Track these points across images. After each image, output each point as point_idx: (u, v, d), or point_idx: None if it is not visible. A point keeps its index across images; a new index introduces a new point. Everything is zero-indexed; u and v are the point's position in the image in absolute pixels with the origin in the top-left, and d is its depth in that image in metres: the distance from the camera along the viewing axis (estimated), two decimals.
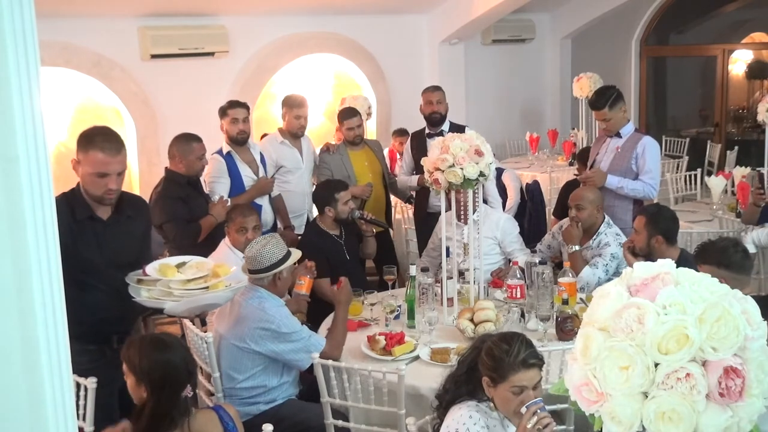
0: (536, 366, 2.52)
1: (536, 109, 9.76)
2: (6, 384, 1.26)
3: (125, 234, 3.24)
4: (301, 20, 7.29)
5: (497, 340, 2.58)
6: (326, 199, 4.71)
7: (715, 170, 8.09)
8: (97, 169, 3.03)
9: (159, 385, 2.54)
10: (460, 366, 2.69)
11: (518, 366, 2.47)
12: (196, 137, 4.70)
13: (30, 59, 1.24)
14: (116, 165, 3.07)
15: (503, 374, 2.48)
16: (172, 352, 2.61)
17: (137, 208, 3.38)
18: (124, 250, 3.19)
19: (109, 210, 3.20)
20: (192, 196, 4.67)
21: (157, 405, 2.53)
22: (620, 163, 4.80)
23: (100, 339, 3.23)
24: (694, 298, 1.29)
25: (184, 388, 2.57)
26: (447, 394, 2.66)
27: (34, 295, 1.26)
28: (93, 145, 3.04)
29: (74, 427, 1.36)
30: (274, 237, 3.63)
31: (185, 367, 2.60)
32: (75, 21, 6.00)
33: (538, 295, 3.84)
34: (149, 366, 2.56)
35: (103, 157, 3.03)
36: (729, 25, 10.41)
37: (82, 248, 3.08)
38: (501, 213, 5.05)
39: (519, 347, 2.50)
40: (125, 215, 3.25)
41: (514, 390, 2.47)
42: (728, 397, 1.25)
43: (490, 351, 2.54)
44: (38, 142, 1.26)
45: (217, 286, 3.11)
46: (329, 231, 4.71)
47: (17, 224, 1.24)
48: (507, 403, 2.49)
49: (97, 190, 3.08)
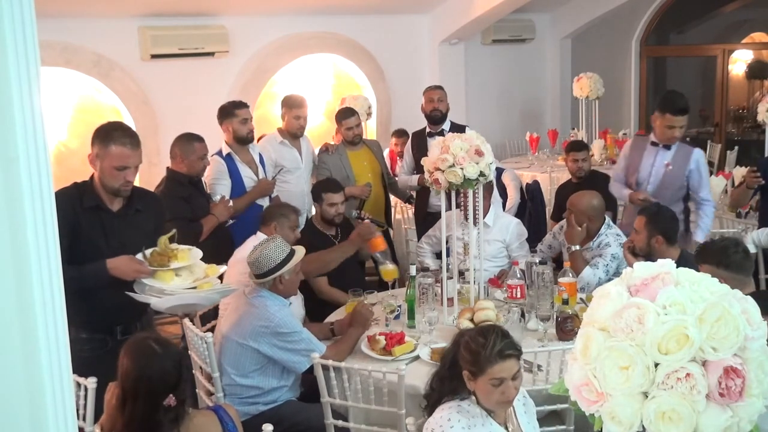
0: (513, 357, 2.54)
1: (536, 109, 9.76)
2: (6, 384, 1.27)
3: (133, 227, 3.32)
4: (301, 20, 7.29)
5: (474, 334, 2.61)
6: (315, 197, 4.76)
7: (715, 170, 8.08)
8: (118, 162, 3.18)
9: (132, 392, 2.53)
10: (443, 363, 2.72)
11: (495, 358, 2.49)
12: (198, 137, 4.70)
13: (30, 59, 1.24)
14: (135, 158, 3.25)
15: (482, 367, 2.50)
16: (153, 361, 2.55)
17: (148, 203, 3.47)
18: (131, 242, 3.25)
19: (121, 203, 3.32)
20: (194, 195, 4.67)
21: (133, 410, 2.52)
22: (672, 182, 4.58)
23: (104, 328, 3.31)
24: (694, 298, 1.29)
25: (163, 397, 2.52)
26: (434, 392, 2.68)
27: (34, 295, 1.26)
28: (113, 140, 3.18)
29: (74, 427, 1.36)
30: (273, 240, 3.62)
31: (161, 378, 2.53)
32: (75, 21, 6.00)
33: (539, 295, 3.84)
34: (127, 371, 2.55)
35: (125, 150, 3.19)
36: (729, 25, 10.41)
37: (86, 235, 3.17)
38: (512, 217, 5.04)
39: (495, 339, 2.53)
40: (134, 209, 3.36)
41: (494, 382, 2.49)
42: (728, 397, 1.24)
43: (467, 345, 2.57)
44: (38, 142, 1.26)
45: (203, 287, 3.18)
46: (324, 231, 4.70)
47: (17, 224, 1.24)
48: (488, 395, 2.52)
49: (115, 182, 3.22)
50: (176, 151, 4.67)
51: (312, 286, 4.50)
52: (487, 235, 4.55)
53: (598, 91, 8.28)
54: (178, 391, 2.57)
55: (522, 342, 3.50)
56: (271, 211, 4.41)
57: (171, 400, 2.53)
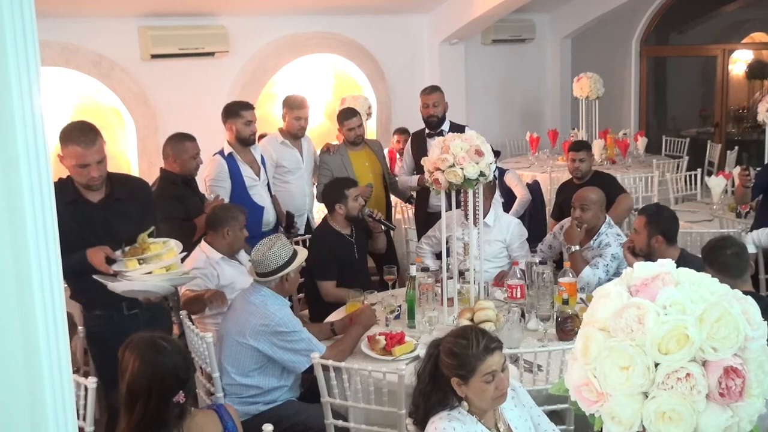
0: (498, 349, 2.55)
1: (536, 109, 9.76)
2: (6, 384, 1.26)
3: (117, 215, 3.46)
4: (301, 20, 7.29)
5: (453, 339, 2.59)
6: (336, 196, 4.66)
7: (715, 170, 8.09)
8: (77, 161, 3.31)
9: (145, 391, 2.50)
10: (422, 378, 2.66)
11: (482, 354, 2.50)
12: (190, 136, 4.69)
13: (30, 59, 1.24)
14: (94, 155, 3.33)
15: (471, 368, 2.50)
16: (164, 357, 2.55)
17: (130, 191, 3.58)
18: (118, 230, 3.39)
19: (101, 193, 3.46)
20: (187, 195, 4.66)
21: (144, 408, 2.49)
22: None
23: (109, 305, 3.48)
24: (694, 298, 1.29)
25: (174, 394, 2.51)
26: (419, 409, 2.64)
27: (34, 295, 1.26)
28: (70, 140, 3.32)
29: (74, 427, 1.36)
30: (279, 238, 3.61)
31: (174, 374, 2.53)
32: (75, 21, 6.00)
33: (539, 295, 3.84)
34: (138, 369, 2.52)
35: (81, 150, 3.30)
36: (729, 25, 10.40)
37: (72, 228, 3.28)
38: (512, 218, 5.04)
39: (476, 337, 2.54)
40: (115, 198, 3.48)
41: (487, 378, 2.49)
42: (728, 397, 1.24)
43: (450, 351, 2.55)
44: (38, 142, 1.26)
45: (159, 272, 3.33)
46: (341, 230, 4.70)
47: (17, 224, 1.24)
48: (483, 394, 2.51)
49: (81, 179, 3.36)
50: (168, 150, 4.66)
51: (320, 289, 4.50)
52: (488, 236, 4.54)
53: (598, 91, 8.28)
54: (187, 387, 2.57)
55: (522, 342, 3.53)
56: (219, 216, 4.24)
57: (180, 396, 2.52)
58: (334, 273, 4.51)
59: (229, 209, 4.34)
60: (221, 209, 4.35)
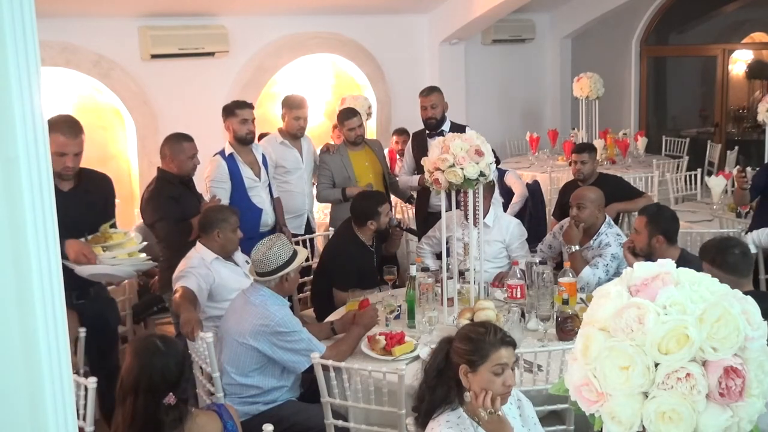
0: (512, 345, 2.57)
1: (536, 109, 9.76)
2: (6, 384, 1.26)
3: (84, 204, 3.75)
4: (301, 20, 7.29)
5: (471, 326, 2.67)
6: (370, 212, 4.62)
7: (715, 170, 8.08)
8: (58, 149, 3.56)
9: (133, 387, 2.56)
10: (429, 372, 2.67)
11: (498, 343, 2.53)
12: (187, 137, 4.68)
13: (30, 59, 1.24)
14: (74, 147, 3.65)
15: (485, 353, 2.51)
16: (156, 358, 2.58)
17: (96, 184, 3.95)
18: (82, 219, 3.68)
19: (71, 184, 3.77)
20: (184, 195, 4.64)
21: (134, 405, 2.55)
22: None
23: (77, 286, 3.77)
24: (694, 298, 1.29)
25: (163, 395, 2.54)
26: (423, 403, 2.65)
27: (34, 294, 1.26)
28: (56, 129, 3.54)
29: (74, 427, 1.36)
30: (279, 238, 3.61)
31: (162, 376, 2.56)
32: (75, 21, 6.00)
33: (539, 295, 3.84)
34: (129, 365, 2.60)
35: (64, 139, 3.60)
36: (729, 25, 10.40)
37: None
38: (511, 218, 5.04)
39: (493, 329, 2.60)
40: (83, 189, 3.81)
41: (496, 369, 2.50)
42: (728, 397, 1.24)
43: (465, 336, 2.59)
44: (38, 142, 1.27)
45: (122, 257, 3.67)
46: (366, 241, 4.70)
47: (17, 224, 1.24)
48: (489, 386, 2.50)
49: (56, 167, 3.54)
50: (166, 151, 4.65)
51: (335, 296, 4.51)
52: (487, 236, 4.54)
53: (598, 91, 8.28)
54: (178, 390, 2.58)
55: (522, 342, 3.52)
56: (210, 219, 4.19)
57: (171, 398, 2.54)
58: (353, 282, 4.50)
59: (219, 211, 4.29)
60: (212, 211, 4.30)
